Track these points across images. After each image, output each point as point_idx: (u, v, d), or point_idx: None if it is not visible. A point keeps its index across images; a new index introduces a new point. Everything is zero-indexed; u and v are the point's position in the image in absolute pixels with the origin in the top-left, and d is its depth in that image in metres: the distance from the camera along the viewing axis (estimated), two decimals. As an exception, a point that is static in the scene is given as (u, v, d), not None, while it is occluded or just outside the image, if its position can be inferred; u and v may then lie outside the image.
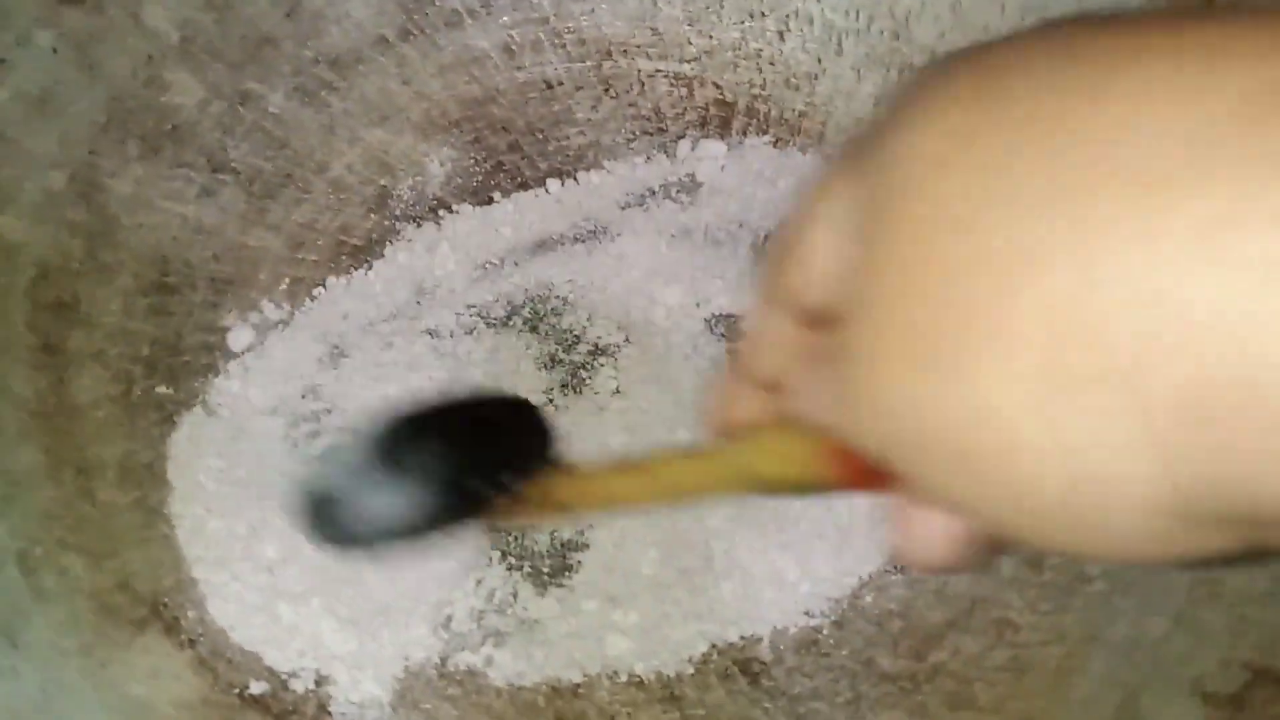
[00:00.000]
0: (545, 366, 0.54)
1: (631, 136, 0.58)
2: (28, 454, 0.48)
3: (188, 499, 0.50)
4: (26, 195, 0.49)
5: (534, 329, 0.55)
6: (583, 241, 0.57)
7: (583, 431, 0.53)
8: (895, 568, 0.52)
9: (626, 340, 0.55)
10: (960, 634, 0.52)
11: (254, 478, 0.51)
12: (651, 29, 0.58)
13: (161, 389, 0.51)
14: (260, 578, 0.50)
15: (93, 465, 0.49)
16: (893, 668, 0.51)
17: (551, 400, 0.53)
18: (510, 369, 0.54)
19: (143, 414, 0.51)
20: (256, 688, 0.49)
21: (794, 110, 0.58)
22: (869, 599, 0.52)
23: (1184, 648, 0.48)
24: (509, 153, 0.57)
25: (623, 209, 0.58)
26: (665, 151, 0.58)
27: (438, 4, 0.56)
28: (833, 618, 0.52)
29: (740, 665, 0.51)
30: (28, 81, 0.48)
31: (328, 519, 0.31)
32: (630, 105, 0.58)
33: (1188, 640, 0.48)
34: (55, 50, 0.49)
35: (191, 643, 0.49)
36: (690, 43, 0.58)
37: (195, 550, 0.50)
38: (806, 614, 0.52)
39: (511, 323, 0.55)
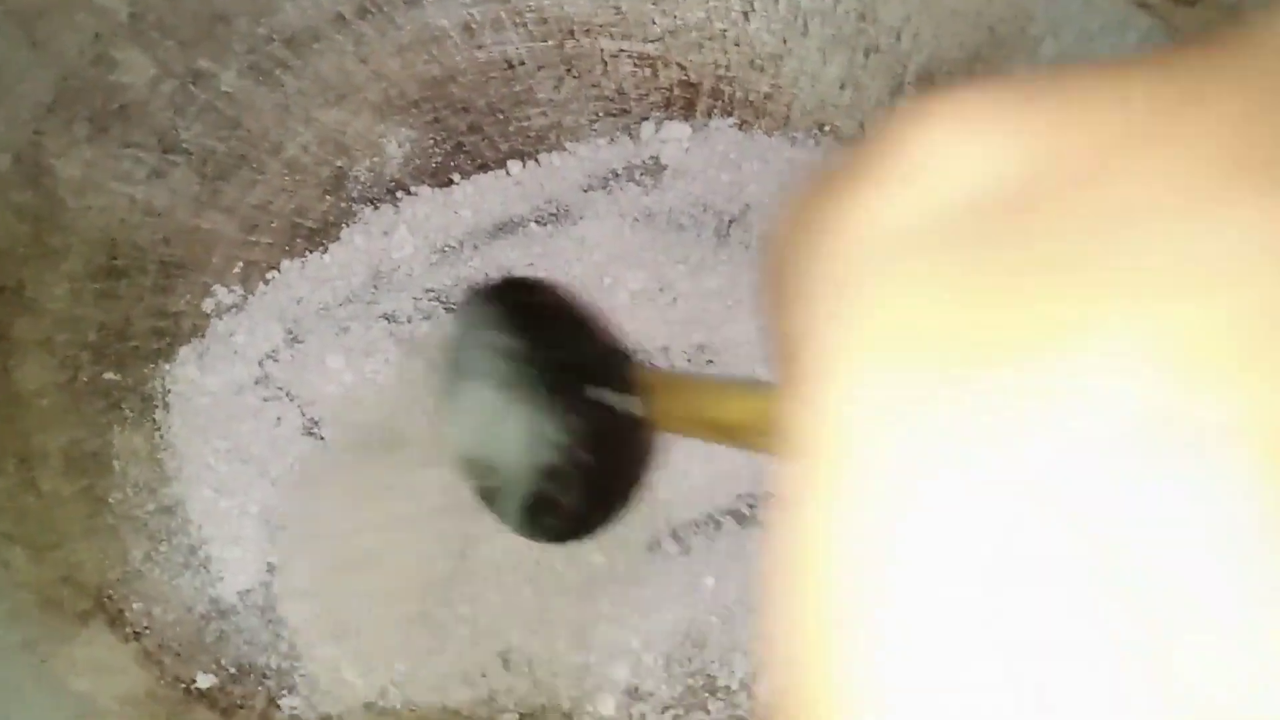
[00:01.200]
0: (504, 352, 0.54)
1: (594, 117, 0.57)
2: (-32, 444, 0.47)
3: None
4: (-32, 178, 0.47)
5: (494, 314, 0.54)
6: (544, 224, 0.56)
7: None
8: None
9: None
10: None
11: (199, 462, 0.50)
12: (615, 8, 0.57)
13: (109, 375, 0.50)
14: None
15: (36, 454, 0.48)
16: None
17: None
18: (468, 355, 0.54)
19: (89, 401, 0.50)
20: (204, 681, 0.49)
21: (759, 92, 0.58)
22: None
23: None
24: (469, 134, 0.56)
25: (585, 191, 0.57)
26: (629, 133, 0.58)
27: (397, -19, 0.55)
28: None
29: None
30: (-31, 60, 0.47)
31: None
32: (593, 86, 0.57)
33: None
34: (-1, 28, 0.48)
35: (137, 635, 0.49)
36: (654, 22, 0.57)
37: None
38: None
39: (471, 307, 0.54)
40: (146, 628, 0.49)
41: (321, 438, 0.52)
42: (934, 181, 0.13)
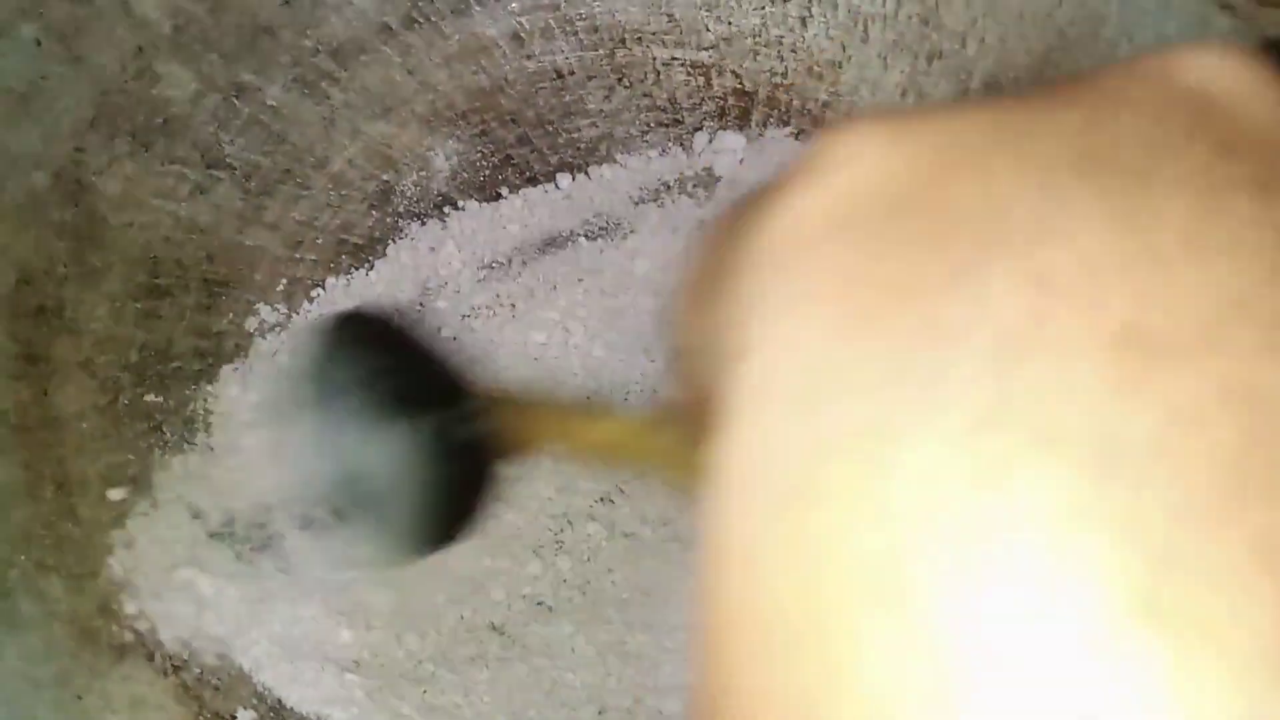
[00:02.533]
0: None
1: (646, 128, 0.56)
2: (5, 470, 0.46)
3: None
4: (8, 196, 0.46)
5: (543, 331, 0.53)
6: (594, 239, 0.55)
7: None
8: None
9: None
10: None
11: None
12: (667, 15, 0.55)
13: (151, 397, 0.50)
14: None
15: (74, 480, 0.47)
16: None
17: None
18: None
19: (130, 424, 0.49)
20: (244, 716, 0.47)
21: (817, 100, 0.56)
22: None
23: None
24: (518, 146, 0.55)
25: (636, 205, 0.56)
26: (681, 144, 0.56)
27: (443, -10, 0.54)
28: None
29: None
30: (10, 76, 0.46)
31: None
32: (644, 96, 0.56)
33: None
34: (39, 42, 0.47)
35: (175, 669, 0.47)
36: (708, 29, 0.56)
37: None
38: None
39: (519, 325, 0.53)
40: (185, 661, 0.48)
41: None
42: (843, 180, 0.16)
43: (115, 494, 0.48)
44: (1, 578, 0.45)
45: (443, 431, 0.31)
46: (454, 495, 0.32)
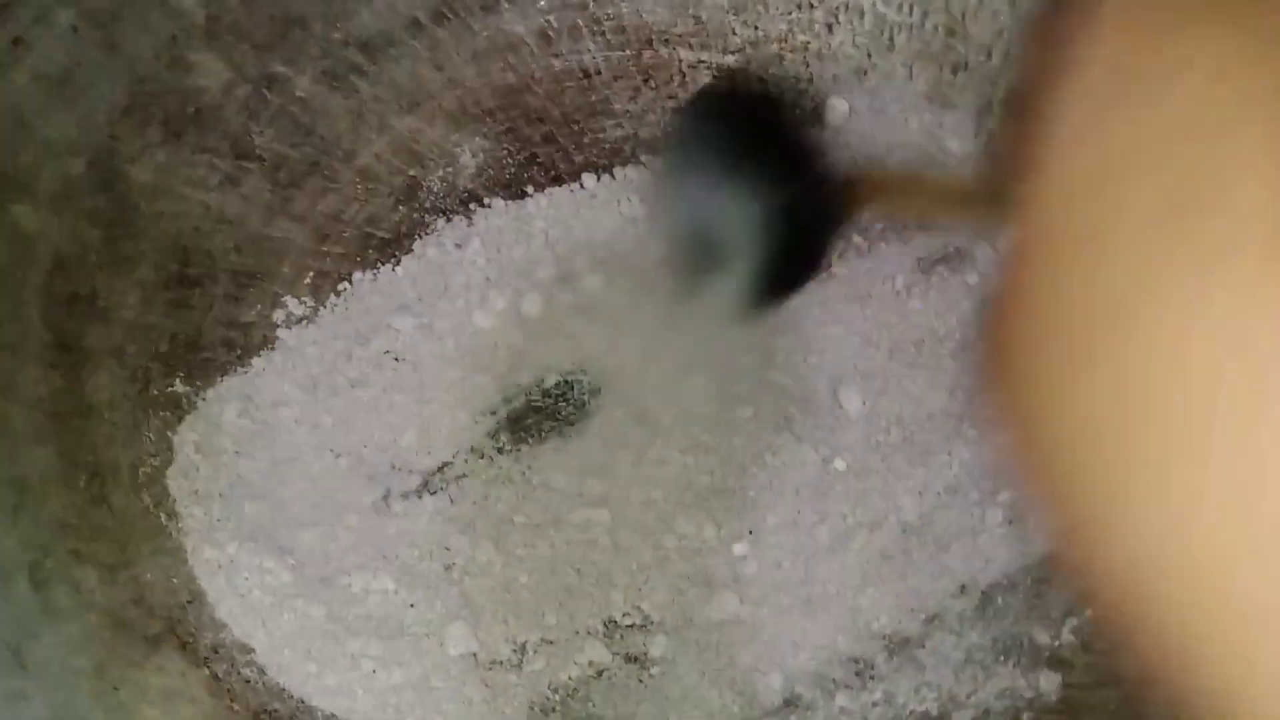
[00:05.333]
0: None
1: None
2: (41, 457, 0.46)
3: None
4: (44, 183, 0.46)
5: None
6: (619, 240, 0.55)
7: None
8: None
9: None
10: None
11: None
12: (695, 18, 0.55)
13: (180, 387, 0.50)
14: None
15: (107, 468, 0.47)
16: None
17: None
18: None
19: (160, 414, 0.49)
20: (274, 709, 0.47)
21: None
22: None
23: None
24: (543, 144, 0.55)
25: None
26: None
27: (473, -14, 0.54)
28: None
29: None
30: (47, 62, 0.46)
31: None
32: (670, 97, 0.56)
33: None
34: (75, 29, 0.46)
35: (206, 661, 0.48)
36: (734, 33, 0.56)
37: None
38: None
39: (544, 321, 0.53)
40: (215, 651, 0.48)
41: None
42: None
43: (144, 482, 0.48)
44: (39, 567, 0.45)
45: (790, 201, 0.35)
46: (795, 256, 0.36)
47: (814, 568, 0.51)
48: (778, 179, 0.35)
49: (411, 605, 0.49)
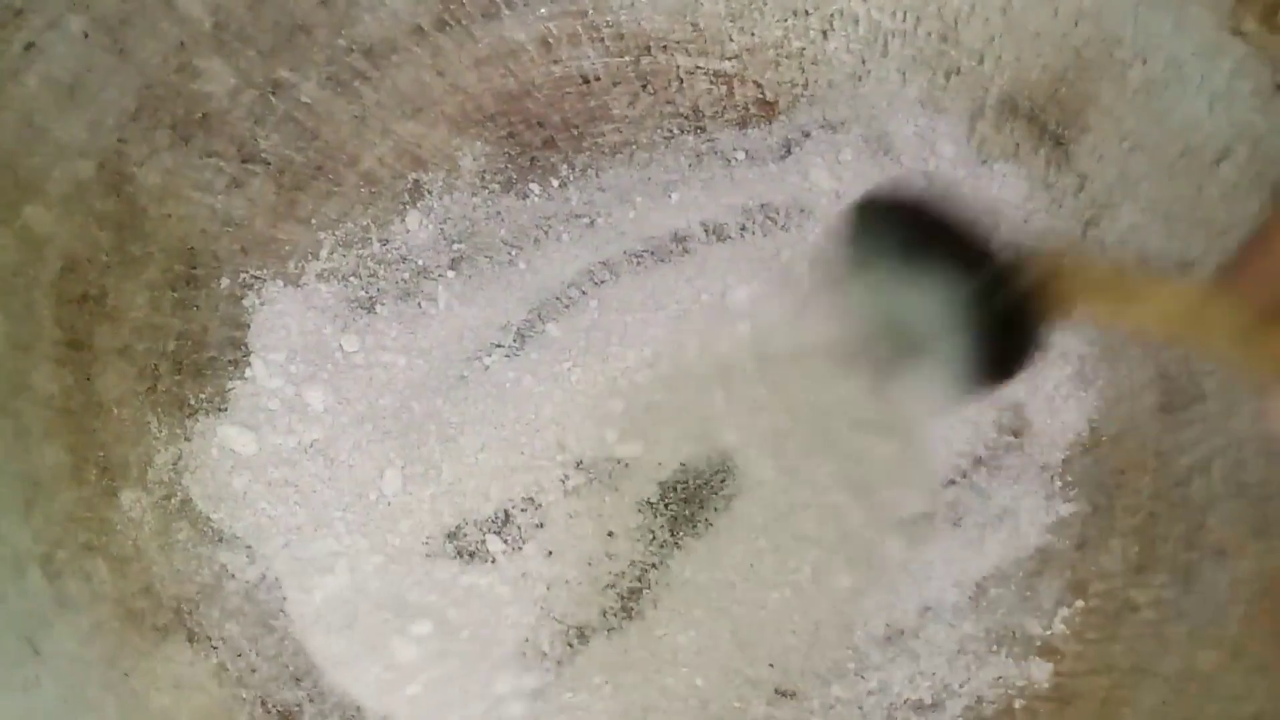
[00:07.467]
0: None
1: (669, 135, 0.57)
2: (52, 453, 0.46)
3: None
4: (55, 185, 0.47)
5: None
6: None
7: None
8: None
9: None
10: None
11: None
12: (692, 24, 0.56)
13: (187, 385, 0.50)
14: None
15: (116, 464, 0.48)
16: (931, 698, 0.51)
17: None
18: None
19: (167, 411, 0.50)
20: (282, 698, 0.48)
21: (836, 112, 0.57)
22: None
23: (1239, 683, 0.47)
24: (543, 149, 0.56)
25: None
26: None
27: (475, -6, 0.55)
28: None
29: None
30: (58, 67, 0.47)
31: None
32: (668, 103, 0.57)
33: (1243, 675, 0.47)
34: (86, 35, 0.47)
35: (215, 650, 0.48)
36: (731, 39, 0.57)
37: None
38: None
39: (544, 324, 0.54)
40: (223, 641, 0.48)
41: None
42: None
43: (152, 476, 0.49)
44: (51, 559, 0.45)
45: (978, 288, 0.34)
46: (993, 343, 0.35)
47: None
48: (968, 264, 0.35)
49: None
